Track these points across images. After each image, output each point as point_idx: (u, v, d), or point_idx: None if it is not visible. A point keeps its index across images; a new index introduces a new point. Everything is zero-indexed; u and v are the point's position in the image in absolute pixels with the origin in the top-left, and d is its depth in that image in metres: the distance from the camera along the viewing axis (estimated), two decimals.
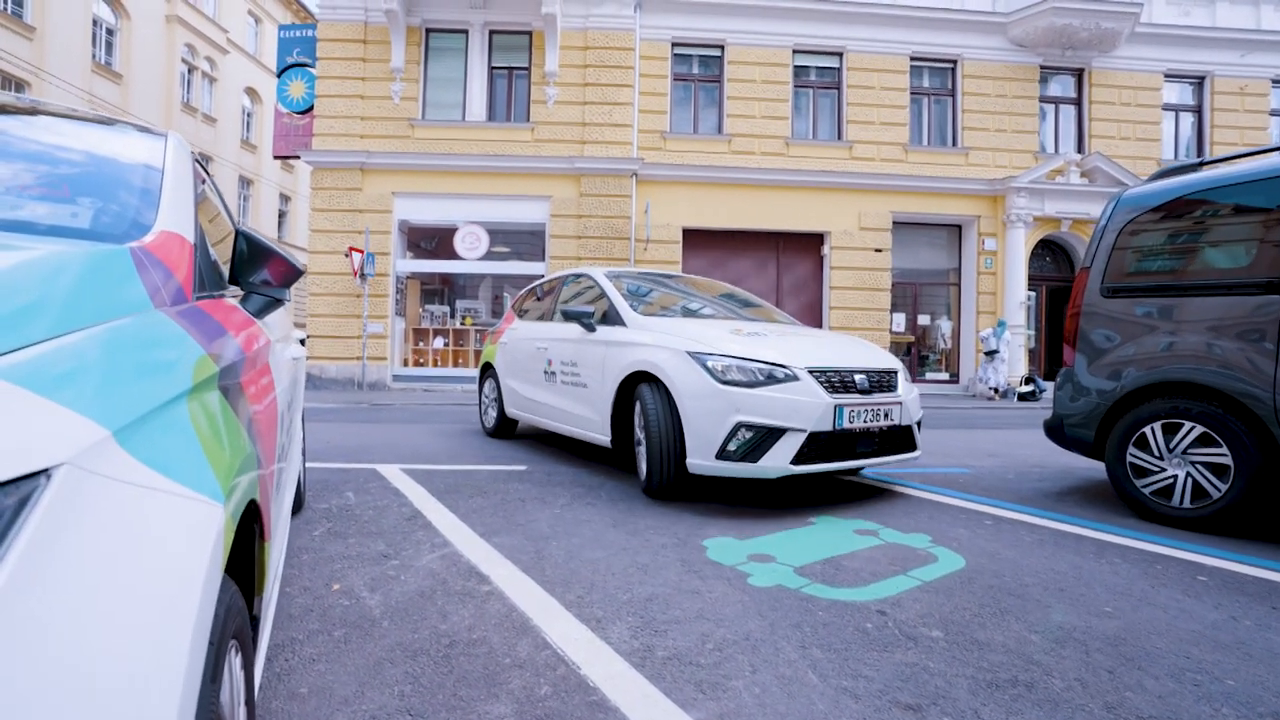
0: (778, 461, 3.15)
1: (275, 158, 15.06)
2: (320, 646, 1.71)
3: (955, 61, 13.64)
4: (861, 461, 3.41)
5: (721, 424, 3.17)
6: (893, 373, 3.62)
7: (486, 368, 5.97)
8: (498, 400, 5.67)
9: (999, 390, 12.44)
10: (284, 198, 25.44)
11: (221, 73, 21.65)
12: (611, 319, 4.15)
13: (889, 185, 13.07)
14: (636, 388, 3.68)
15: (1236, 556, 2.64)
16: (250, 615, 1.01)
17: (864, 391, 3.39)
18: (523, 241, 13.18)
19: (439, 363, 12.97)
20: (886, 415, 3.42)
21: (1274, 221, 2.95)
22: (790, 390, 3.20)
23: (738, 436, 3.16)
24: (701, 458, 3.25)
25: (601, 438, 4.02)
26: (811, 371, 3.28)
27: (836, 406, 3.21)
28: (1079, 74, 13.98)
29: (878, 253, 13.18)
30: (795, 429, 3.14)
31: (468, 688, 1.52)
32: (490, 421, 5.88)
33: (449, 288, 13.93)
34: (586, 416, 4.17)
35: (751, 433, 3.15)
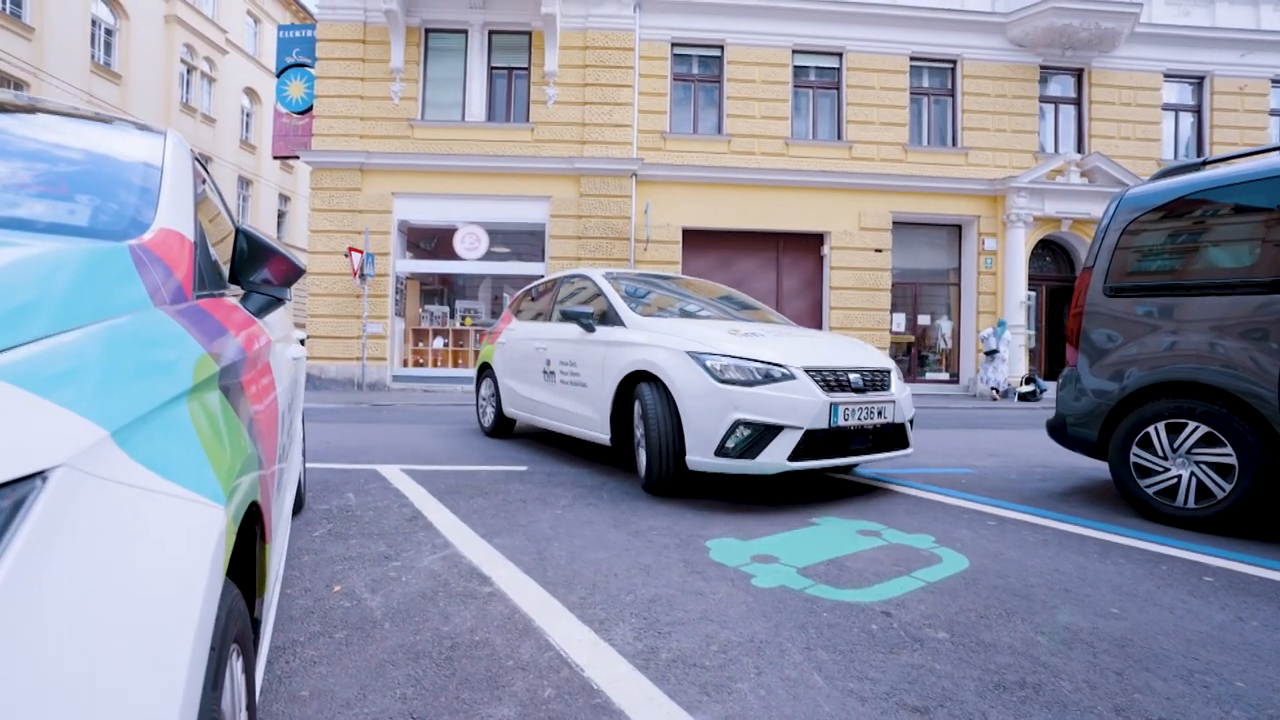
0: (775, 458, 3.22)
1: (274, 158, 15.04)
2: (321, 648, 1.70)
3: (955, 61, 13.64)
4: (856, 458, 3.48)
5: (720, 422, 3.23)
6: (886, 372, 3.69)
7: (484, 368, 5.98)
8: (496, 400, 5.68)
9: (999, 390, 12.44)
10: (283, 198, 25.42)
11: (220, 73, 21.62)
12: (610, 319, 4.18)
13: (889, 185, 13.06)
14: (636, 387, 3.72)
15: (1242, 557, 2.63)
16: (251, 618, 1.00)
17: (858, 390, 3.46)
18: (522, 242, 13.17)
19: (439, 363, 12.97)
20: (880, 413, 3.49)
21: (1276, 221, 2.94)
22: (787, 389, 3.26)
23: (736, 434, 3.22)
24: (701, 455, 3.30)
25: (601, 436, 4.06)
26: (808, 371, 3.34)
27: (832, 405, 3.28)
28: (1079, 74, 13.98)
29: (878, 253, 13.17)
30: (792, 426, 3.21)
31: (470, 690, 1.51)
32: (488, 421, 5.88)
33: (449, 288, 13.92)
34: (586, 415, 4.20)
35: (750, 430, 3.21)
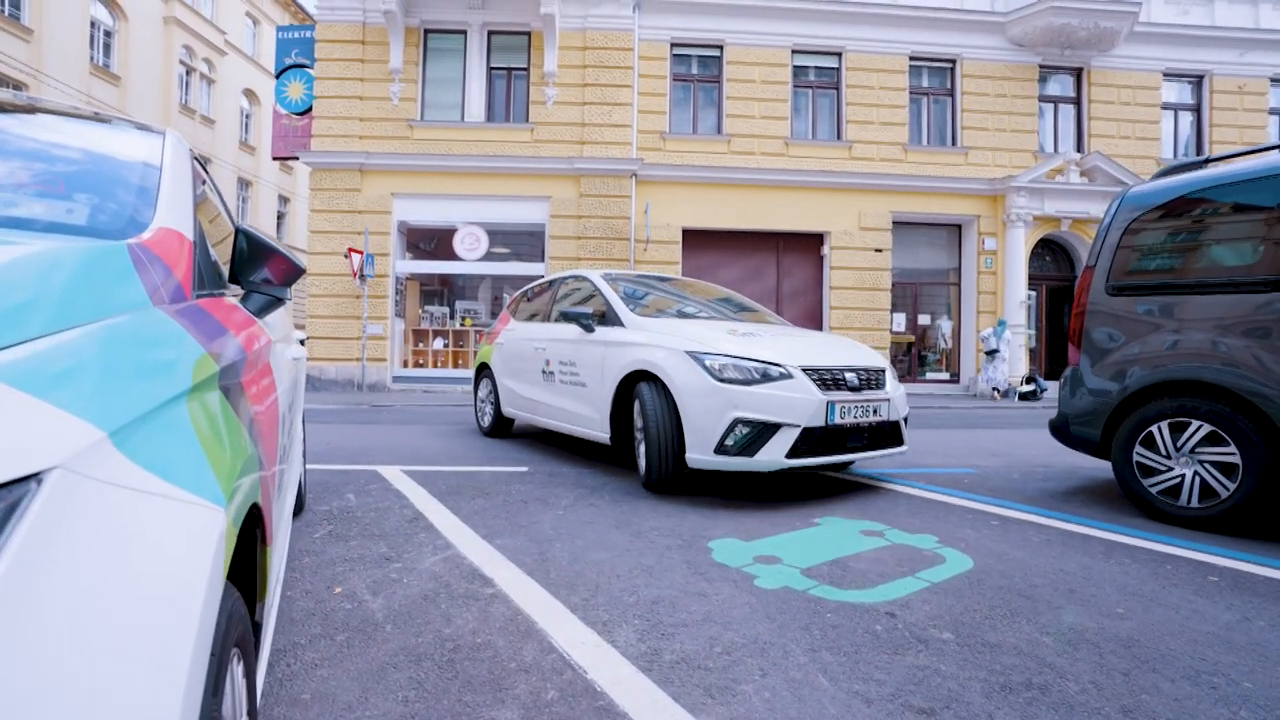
0: (773, 456, 3.26)
1: (274, 159, 15.04)
2: (322, 651, 1.69)
3: (954, 61, 13.63)
4: (852, 456, 3.52)
5: (720, 420, 3.28)
6: (880, 371, 3.76)
7: (482, 368, 6.01)
8: (494, 400, 5.69)
9: (1000, 390, 12.44)
10: (283, 199, 25.40)
11: (219, 74, 21.60)
12: (610, 320, 4.22)
13: (889, 185, 13.05)
14: (635, 386, 3.75)
15: (1247, 556, 2.62)
16: (252, 621, 0.98)
17: (854, 389, 3.52)
18: (522, 242, 13.16)
19: (439, 364, 12.95)
20: (875, 411, 3.55)
21: (1278, 219, 2.93)
22: (785, 388, 3.31)
23: (735, 432, 3.27)
24: (700, 453, 3.35)
25: (601, 435, 4.09)
26: (805, 370, 3.40)
27: (829, 403, 3.33)
28: (1078, 73, 13.98)
29: (878, 253, 13.16)
30: (790, 424, 3.26)
31: (473, 693, 1.50)
32: (486, 421, 5.90)
33: (448, 289, 13.91)
34: (585, 415, 4.23)
35: (748, 428, 3.26)
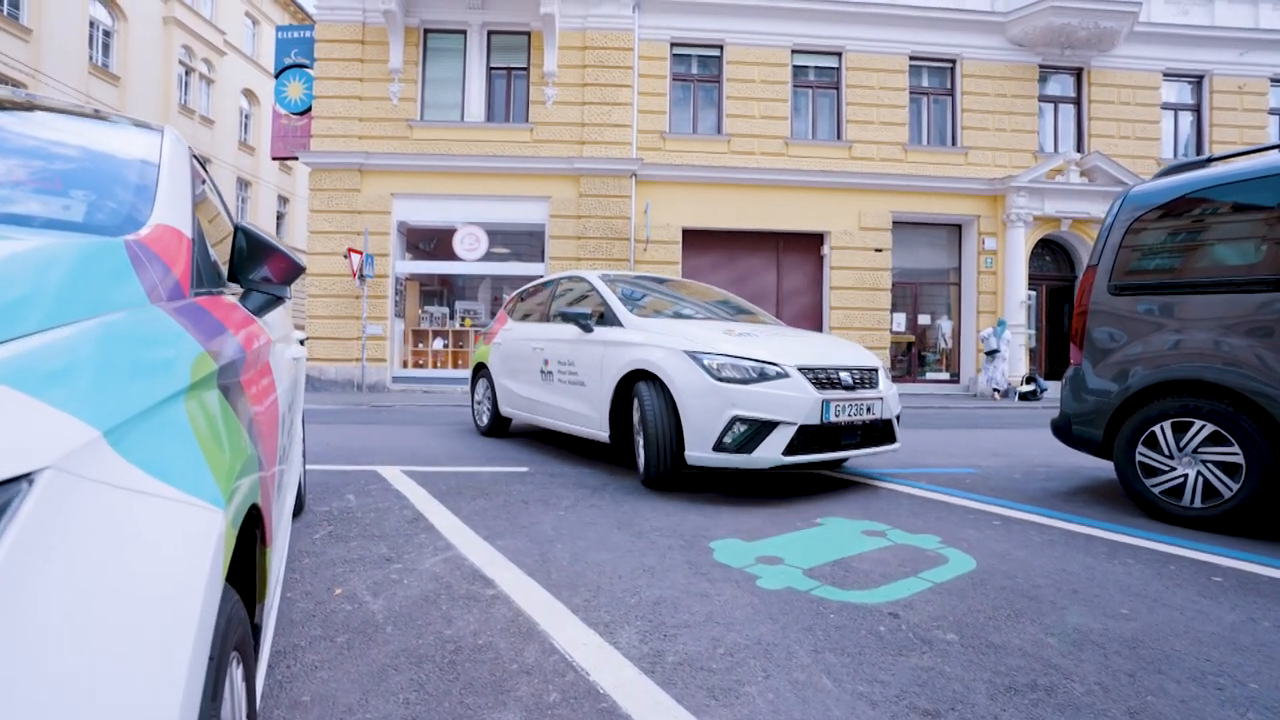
0: (771, 452, 3.34)
1: (273, 159, 15.02)
2: (323, 653, 1.67)
3: (954, 61, 13.62)
4: (846, 453, 3.60)
5: (718, 418, 3.35)
6: (874, 370, 3.84)
7: (479, 368, 6.02)
8: (491, 399, 5.71)
9: (1000, 390, 12.43)
10: (282, 199, 25.37)
11: (219, 74, 21.57)
12: (608, 320, 4.26)
13: (889, 185, 13.05)
14: (634, 385, 3.80)
15: (1251, 557, 2.60)
16: (252, 624, 0.97)
17: (848, 388, 3.60)
18: (522, 242, 13.14)
19: (439, 364, 12.94)
20: (869, 409, 3.63)
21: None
22: (782, 386, 3.39)
23: (733, 430, 3.35)
24: (699, 450, 3.41)
25: (600, 434, 4.13)
26: (801, 369, 3.47)
27: (824, 402, 3.41)
28: (1078, 73, 13.98)
29: (878, 252, 13.15)
30: (787, 422, 3.34)
31: (474, 695, 1.49)
32: (484, 420, 5.91)
33: (448, 289, 13.89)
34: (584, 413, 4.27)
35: (746, 426, 3.34)
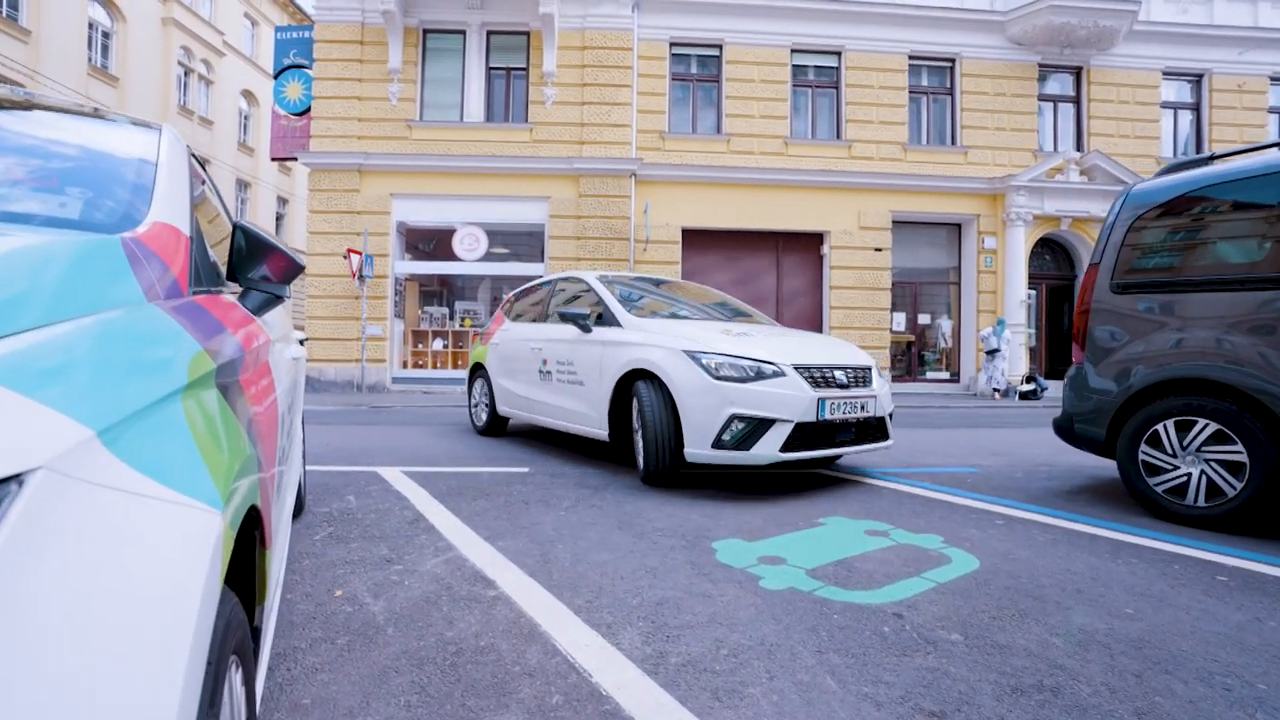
0: (768, 450, 3.41)
1: (273, 160, 14.97)
2: (323, 655, 1.66)
3: (954, 60, 13.62)
4: (841, 450, 3.69)
5: (717, 416, 3.41)
6: (867, 369, 3.93)
7: (477, 368, 6.03)
8: (489, 399, 5.72)
9: (1000, 389, 12.42)
10: (281, 200, 25.35)
11: (218, 75, 21.55)
12: (607, 320, 4.29)
13: (888, 184, 13.04)
14: (633, 384, 3.84)
15: (1255, 556, 2.59)
16: (251, 627, 0.96)
17: (843, 386, 3.67)
18: (521, 242, 13.13)
19: (438, 364, 12.93)
20: (863, 407, 3.72)
21: None
22: (778, 385, 3.46)
23: (731, 427, 3.41)
24: (698, 447, 3.48)
25: (599, 432, 4.17)
26: (797, 368, 3.53)
27: (819, 400, 3.48)
28: (1077, 72, 13.97)
29: (877, 252, 13.14)
30: (784, 420, 3.41)
31: (476, 697, 1.47)
32: (482, 420, 5.92)
33: (448, 289, 13.88)
34: (584, 412, 4.29)
35: (744, 424, 3.41)
